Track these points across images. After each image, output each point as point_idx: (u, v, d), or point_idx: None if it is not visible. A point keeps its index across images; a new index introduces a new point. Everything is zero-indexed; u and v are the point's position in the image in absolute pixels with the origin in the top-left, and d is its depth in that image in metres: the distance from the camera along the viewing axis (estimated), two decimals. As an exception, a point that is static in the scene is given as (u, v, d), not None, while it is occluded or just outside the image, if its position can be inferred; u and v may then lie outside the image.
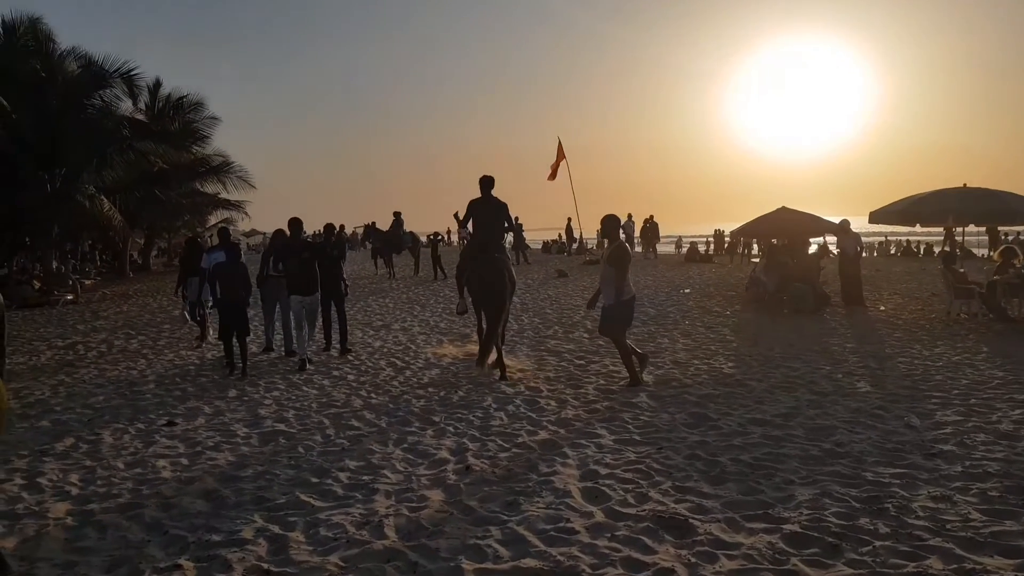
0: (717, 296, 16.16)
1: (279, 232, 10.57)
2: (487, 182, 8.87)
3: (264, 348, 10.43)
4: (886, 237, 38.47)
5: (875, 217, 14.26)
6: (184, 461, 5.63)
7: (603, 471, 5.03)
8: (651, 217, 31.69)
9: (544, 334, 11.35)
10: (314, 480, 5.08)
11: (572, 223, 32.34)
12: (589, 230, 32.63)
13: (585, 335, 11.08)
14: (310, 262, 9.43)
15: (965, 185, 13.38)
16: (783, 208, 15.58)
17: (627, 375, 7.79)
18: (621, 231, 8.46)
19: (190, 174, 29.07)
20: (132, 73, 23.33)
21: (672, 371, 8.42)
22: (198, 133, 29.91)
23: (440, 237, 23.98)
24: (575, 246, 33.35)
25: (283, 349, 10.18)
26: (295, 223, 9.61)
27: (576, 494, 4.60)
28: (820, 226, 15.20)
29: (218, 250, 10.05)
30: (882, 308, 13.77)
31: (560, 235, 36.52)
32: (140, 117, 26.30)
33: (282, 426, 6.57)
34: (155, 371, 9.38)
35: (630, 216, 31.52)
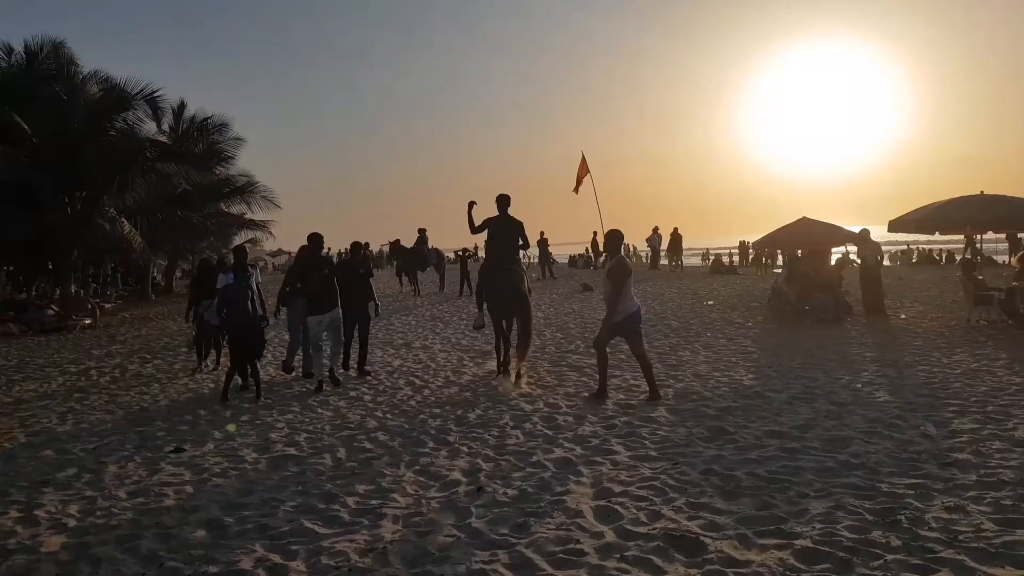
0: (740, 308, 16.07)
1: (304, 249, 10.28)
2: (504, 200, 9.16)
3: (302, 372, 9.99)
4: (908, 245, 38.29)
5: (894, 226, 14.21)
6: (189, 489, 5.48)
7: (617, 489, 5.01)
8: (675, 230, 31.58)
9: (566, 349, 11.35)
10: (321, 506, 4.99)
11: (598, 237, 32.31)
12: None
13: (608, 350, 11.02)
14: (329, 279, 9.17)
15: (983, 192, 13.33)
16: (804, 218, 15.50)
17: (647, 389, 7.79)
18: (646, 243, 8.61)
19: (214, 195, 29.32)
20: (154, 95, 23.31)
21: (692, 384, 8.40)
22: (222, 154, 30.27)
23: (470, 253, 23.93)
24: (601, 260, 33.29)
25: (302, 371, 9.96)
26: (315, 238, 9.33)
27: (588, 513, 4.59)
28: (840, 235, 15.11)
29: (234, 270, 9.89)
30: (903, 316, 13.63)
31: (587, 249, 36.45)
32: (163, 139, 26.72)
33: (292, 450, 6.45)
34: (168, 396, 9.26)
35: (656, 229, 31.41)
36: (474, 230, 9.32)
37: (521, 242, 9.17)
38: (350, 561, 4.06)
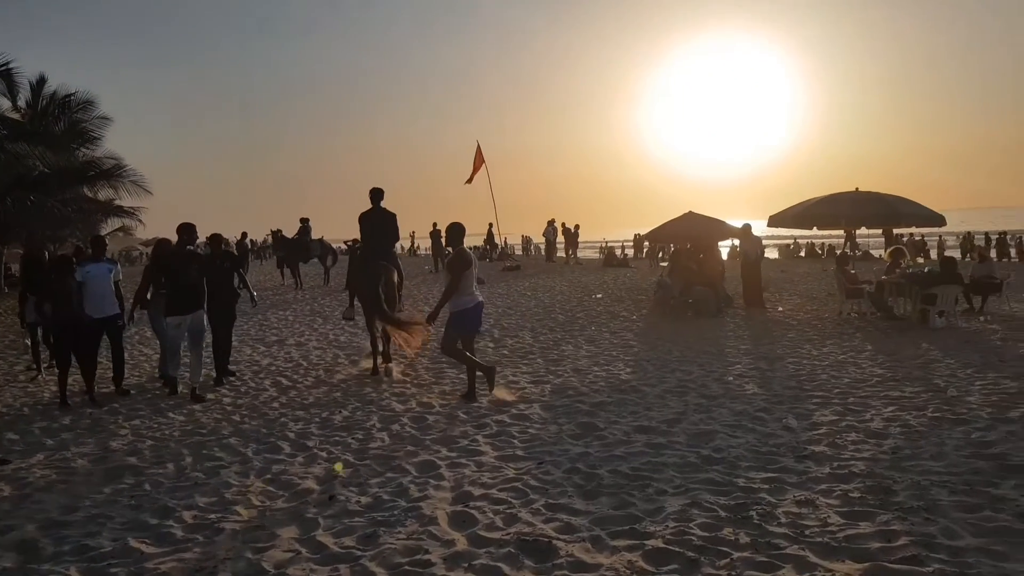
0: (627, 301, 16.36)
1: (163, 242, 9.52)
2: (376, 194, 9.16)
3: (158, 374, 9.32)
4: (795, 240, 39.65)
5: (774, 221, 14.76)
6: (5, 507, 4.99)
7: (477, 492, 4.89)
8: (576, 226, 32.10)
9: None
10: (153, 522, 4.62)
11: (493, 229, 32.33)
12: (515, 235, 32.77)
13: (490, 345, 10.98)
14: (198, 277, 8.44)
15: (857, 189, 13.98)
16: (690, 213, 15.89)
17: (524, 386, 7.74)
18: (543, 236, 8.56)
19: (77, 179, 27.36)
20: (6, 68, 21.62)
21: (571, 379, 8.40)
22: (87, 134, 28.33)
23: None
24: (496, 252, 33.33)
25: (158, 372, 9.27)
26: (186, 229, 8.50)
27: (443, 520, 4.43)
28: (724, 230, 15.58)
29: (94, 261, 8.69)
30: (780, 309, 14.20)
31: (484, 242, 36.35)
32: (15, 116, 24.55)
33: (133, 459, 5.98)
34: (3, 400, 8.50)
35: (551, 222, 31.66)
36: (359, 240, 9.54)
37: (394, 235, 9.18)
38: (172, 585, 3.74)
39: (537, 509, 4.53)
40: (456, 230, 7.83)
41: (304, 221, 22.80)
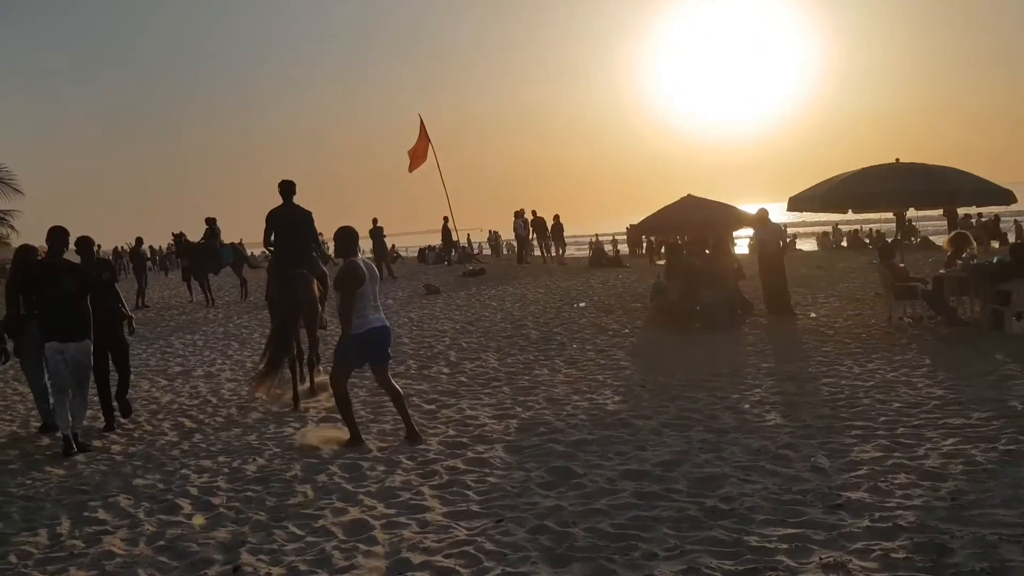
0: (618, 311, 16.35)
1: (25, 250, 9.27)
2: (287, 187, 9.52)
3: (42, 426, 8.99)
4: (835, 226, 39.23)
5: (795, 204, 14.29)
6: None
7: (417, 559, 4.83)
8: (556, 217, 31.98)
9: (393, 372, 11.04)
10: None
11: (449, 224, 32.13)
12: (483, 228, 32.72)
13: (445, 371, 10.91)
14: (76, 295, 8.12)
15: (898, 160, 13.69)
16: (689, 196, 15.79)
17: (476, 421, 7.67)
18: (514, 231, 8.62)
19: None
20: None
21: (543, 412, 8.34)
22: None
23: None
24: (455, 253, 33.23)
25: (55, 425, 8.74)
26: (56, 235, 8.19)
27: (371, 598, 4.35)
28: (733, 217, 15.47)
29: None
30: (813, 315, 14.18)
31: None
32: None
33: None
34: None
35: (519, 213, 31.52)
36: (267, 241, 9.73)
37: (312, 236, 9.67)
38: None
39: (491, 581, 4.43)
40: (344, 237, 7.76)
41: (210, 222, 22.65)
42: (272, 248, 9.75)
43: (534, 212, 31.89)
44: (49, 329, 8.04)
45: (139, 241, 27.88)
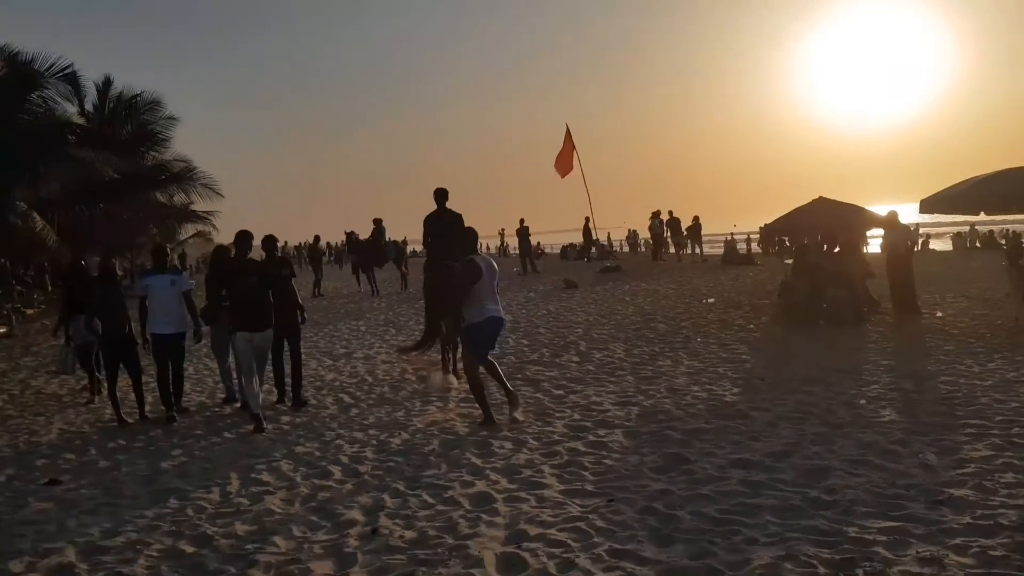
0: (745, 306, 15.95)
1: (219, 250, 10.04)
2: (441, 194, 9.82)
3: (225, 398, 9.64)
4: (972, 226, 37.21)
5: (927, 206, 13.72)
6: (51, 528, 5.54)
7: (533, 531, 4.87)
8: (695, 218, 31.61)
9: (527, 358, 11.22)
10: (189, 550, 4.99)
11: (590, 224, 32.11)
12: (624, 222, 32.61)
13: (575, 359, 10.93)
14: (261, 289, 8.53)
15: (1032, 160, 12.89)
16: (820, 199, 15.31)
17: (607, 408, 7.65)
18: (648, 231, 8.71)
19: (147, 183, 29.11)
20: (68, 71, 23.20)
21: (663, 401, 8.22)
22: (155, 136, 30.15)
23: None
24: (594, 251, 33.15)
25: (236, 398, 9.46)
26: (242, 239, 8.63)
27: (489, 563, 4.44)
28: (862, 219, 14.89)
29: (155, 273, 9.17)
30: (939, 314, 13.42)
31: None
32: (81, 121, 26.36)
33: (180, 482, 6.50)
34: (66, 417, 9.38)
35: (656, 214, 31.10)
36: (426, 242, 10.13)
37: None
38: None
39: (598, 555, 4.45)
40: (468, 237, 8.30)
41: (377, 222, 23.41)
42: (429, 248, 10.18)
43: (670, 212, 31.51)
44: (240, 321, 8.46)
45: (316, 239, 29.23)
